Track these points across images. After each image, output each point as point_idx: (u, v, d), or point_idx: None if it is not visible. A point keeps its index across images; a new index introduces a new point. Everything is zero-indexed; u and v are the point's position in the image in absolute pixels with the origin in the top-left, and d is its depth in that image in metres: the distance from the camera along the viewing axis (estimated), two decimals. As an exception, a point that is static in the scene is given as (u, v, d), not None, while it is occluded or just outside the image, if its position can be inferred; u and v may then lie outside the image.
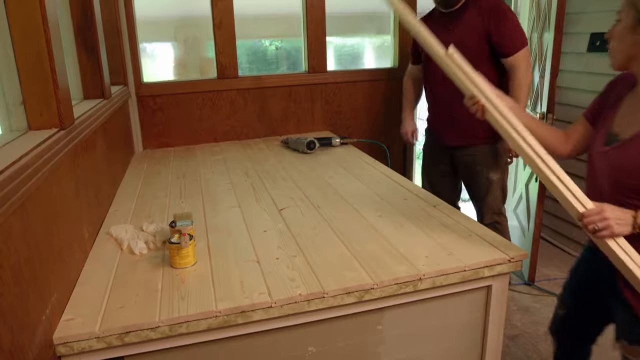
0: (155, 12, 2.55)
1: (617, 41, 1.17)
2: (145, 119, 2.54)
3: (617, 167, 1.19)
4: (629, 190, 1.17)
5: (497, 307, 1.31)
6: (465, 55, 2.16)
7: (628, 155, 1.17)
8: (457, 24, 2.17)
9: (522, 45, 2.13)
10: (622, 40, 1.15)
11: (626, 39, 1.13)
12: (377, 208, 1.61)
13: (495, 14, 2.10)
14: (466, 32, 2.14)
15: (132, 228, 1.45)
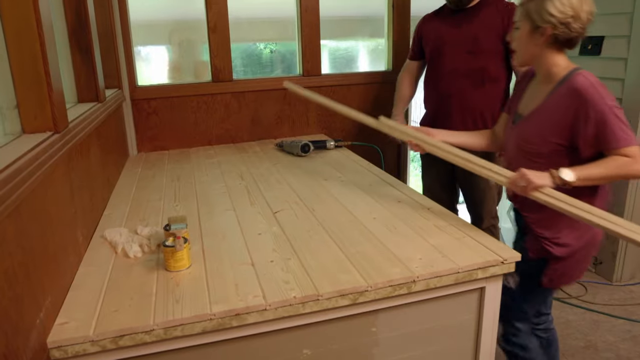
0: (149, 15, 2.56)
1: (518, 45, 1.44)
2: (140, 122, 2.53)
3: (520, 137, 1.49)
4: (530, 154, 1.46)
5: (490, 309, 1.32)
6: (478, 52, 2.19)
7: (527, 127, 1.47)
8: (471, 22, 2.17)
9: None
10: (523, 44, 1.41)
11: (525, 43, 1.40)
12: (371, 210, 1.62)
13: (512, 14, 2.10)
14: (482, 30, 2.15)
15: (126, 231, 1.45)
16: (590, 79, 1.34)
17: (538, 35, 1.35)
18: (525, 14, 1.37)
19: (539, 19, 1.33)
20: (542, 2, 1.32)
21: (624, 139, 1.30)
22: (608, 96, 1.32)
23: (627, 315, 2.50)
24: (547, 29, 1.33)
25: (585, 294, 2.72)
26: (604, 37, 2.72)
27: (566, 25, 1.32)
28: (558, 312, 2.54)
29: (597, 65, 2.78)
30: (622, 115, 1.32)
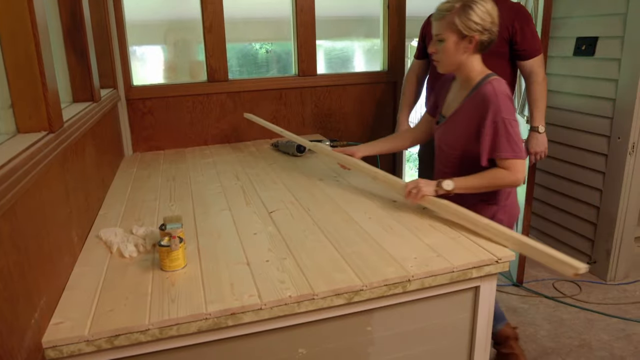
0: (145, 15, 2.55)
1: (444, 55, 1.53)
2: (135, 122, 2.53)
3: (441, 139, 1.67)
4: (447, 155, 1.63)
5: (485, 308, 1.32)
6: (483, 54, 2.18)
7: (447, 129, 1.64)
8: None
9: (540, 51, 2.17)
10: (450, 54, 1.52)
11: (453, 52, 1.51)
12: (366, 210, 1.63)
13: (520, 16, 2.12)
14: None
15: (121, 231, 1.45)
16: (496, 88, 1.48)
17: (466, 44, 1.49)
18: (449, 27, 1.48)
19: (466, 29, 1.46)
20: (467, 14, 1.45)
21: (510, 150, 1.46)
22: (507, 109, 1.46)
23: (621, 314, 2.52)
24: (474, 37, 1.47)
25: (579, 293, 2.73)
26: (598, 37, 2.74)
27: (489, 30, 1.48)
28: (552, 310, 2.56)
29: (591, 65, 2.80)
30: (515, 128, 1.47)
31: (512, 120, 1.46)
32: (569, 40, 2.92)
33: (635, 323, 2.44)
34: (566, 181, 3.07)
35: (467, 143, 1.56)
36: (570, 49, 2.92)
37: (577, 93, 2.91)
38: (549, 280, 2.86)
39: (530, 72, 2.17)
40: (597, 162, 2.83)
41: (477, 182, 1.51)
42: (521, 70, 2.21)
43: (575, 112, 2.93)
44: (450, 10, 1.47)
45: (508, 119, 1.45)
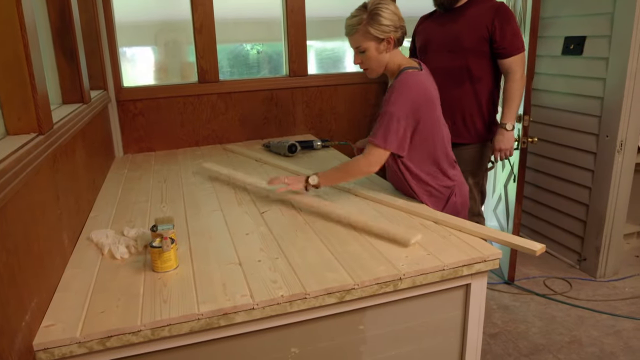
0: (135, 16, 2.54)
1: (371, 63, 1.63)
2: (126, 123, 2.52)
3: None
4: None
5: (476, 305, 1.33)
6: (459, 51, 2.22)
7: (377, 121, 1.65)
8: (456, 21, 2.21)
9: (521, 49, 2.19)
10: (375, 60, 1.62)
11: (377, 58, 1.61)
12: (358, 209, 1.63)
13: (501, 15, 2.15)
14: (465, 29, 2.18)
15: (113, 233, 1.44)
16: (404, 80, 1.57)
17: (384, 45, 1.59)
18: (366, 36, 1.57)
19: (380, 33, 1.55)
20: (377, 22, 1.54)
21: (375, 137, 1.57)
22: (399, 102, 1.54)
23: (611, 310, 2.55)
24: (390, 37, 1.57)
25: (570, 290, 2.76)
26: (586, 37, 2.77)
27: (400, 27, 1.59)
28: (543, 308, 2.58)
29: (579, 64, 2.83)
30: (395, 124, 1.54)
31: (395, 116, 1.54)
32: (558, 40, 2.95)
33: (624, 319, 2.47)
34: (556, 179, 3.09)
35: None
36: (558, 48, 2.95)
37: (566, 92, 2.94)
38: (540, 278, 2.89)
39: (508, 70, 2.20)
40: (586, 160, 2.86)
41: (336, 174, 1.67)
42: (501, 68, 2.22)
43: (564, 111, 2.96)
44: (360, 22, 1.57)
45: (393, 112, 1.54)
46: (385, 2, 1.57)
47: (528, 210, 3.35)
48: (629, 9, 2.48)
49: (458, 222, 1.47)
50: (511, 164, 2.75)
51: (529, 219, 3.38)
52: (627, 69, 2.53)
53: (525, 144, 2.56)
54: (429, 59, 2.25)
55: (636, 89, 2.57)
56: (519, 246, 1.34)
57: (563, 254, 3.12)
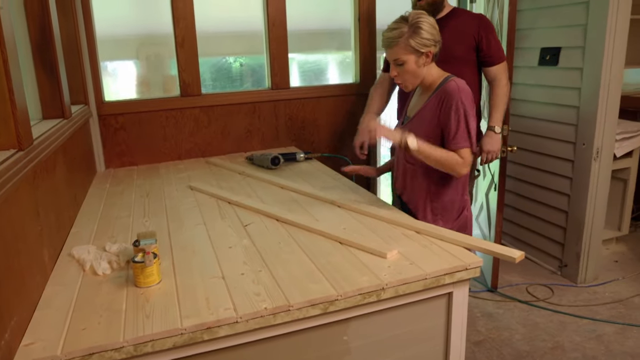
0: (116, 30, 2.54)
1: (409, 76, 1.66)
2: (107, 138, 2.51)
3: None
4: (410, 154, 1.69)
5: (458, 313, 1.35)
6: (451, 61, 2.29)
7: (411, 127, 1.72)
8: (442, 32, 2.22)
9: (504, 58, 2.29)
10: (414, 73, 1.66)
11: (415, 71, 1.65)
12: (341, 221, 1.64)
13: (484, 25, 2.26)
14: (454, 39, 2.23)
15: (94, 249, 1.43)
16: (459, 84, 1.61)
17: (423, 59, 1.63)
18: (406, 49, 1.61)
19: (422, 46, 1.60)
20: (419, 35, 1.59)
21: (462, 140, 1.60)
22: (469, 104, 1.60)
23: (592, 315, 2.59)
24: (430, 51, 1.62)
25: (552, 296, 2.80)
26: (561, 48, 2.84)
27: (438, 42, 1.64)
28: (526, 314, 2.61)
29: (555, 75, 2.90)
30: (472, 123, 1.61)
31: (471, 115, 1.61)
32: (534, 51, 3.02)
33: (605, 323, 2.51)
34: (536, 187, 3.15)
35: (430, 136, 1.65)
36: (535, 59, 3.02)
37: (543, 101, 3.01)
38: (523, 285, 2.93)
39: (495, 78, 2.28)
40: (564, 168, 2.92)
41: (437, 155, 1.61)
42: (486, 75, 2.29)
43: (542, 120, 3.02)
44: (401, 35, 1.59)
45: (469, 112, 1.60)
46: (425, 16, 1.61)
47: (509, 218, 3.40)
48: (601, 20, 2.55)
49: (439, 232, 1.49)
50: (492, 172, 2.80)
51: (510, 226, 3.42)
52: (600, 79, 2.60)
53: (505, 153, 2.61)
54: None
55: (610, 98, 2.64)
56: (498, 254, 1.37)
57: (545, 261, 3.17)
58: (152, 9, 2.57)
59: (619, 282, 2.93)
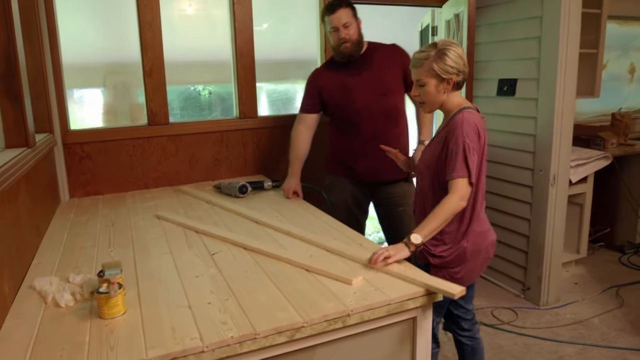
0: (83, 58, 2.54)
1: (428, 98, 1.69)
2: (72, 167, 2.48)
3: (420, 162, 1.84)
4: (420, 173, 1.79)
5: (423, 337, 1.38)
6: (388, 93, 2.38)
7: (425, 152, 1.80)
8: (370, 67, 2.36)
9: None
10: (433, 96, 1.69)
11: (435, 94, 1.68)
12: (307, 248, 1.67)
13: (404, 54, 2.40)
14: (386, 72, 2.34)
15: (57, 280, 1.41)
16: (465, 117, 1.63)
17: (444, 85, 1.66)
18: (429, 72, 1.65)
19: (444, 73, 1.63)
20: (443, 61, 1.62)
21: (455, 171, 1.60)
22: (469, 134, 1.61)
23: (554, 336, 2.66)
24: (452, 79, 1.64)
25: (516, 319, 2.86)
26: (517, 79, 2.99)
27: (462, 72, 1.66)
28: (491, 337, 2.66)
29: (513, 105, 3.03)
30: (472, 156, 1.60)
31: (471, 148, 1.60)
32: (493, 82, 3.16)
33: (566, 344, 2.58)
34: (498, 212, 3.25)
35: (435, 165, 1.70)
36: (493, 89, 3.16)
37: (502, 130, 3.13)
38: (488, 309, 2.99)
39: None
40: (524, 194, 3.03)
41: (434, 222, 1.58)
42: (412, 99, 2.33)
43: (502, 148, 3.14)
44: (427, 58, 1.63)
45: (468, 144, 1.60)
46: (454, 45, 1.65)
47: (474, 243, 3.48)
48: (553, 54, 2.70)
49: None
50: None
51: (475, 251, 3.50)
52: (554, 109, 2.74)
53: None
54: (360, 106, 2.33)
55: (564, 126, 2.78)
56: (438, 289, 1.34)
57: (509, 284, 3.25)
58: (120, 37, 2.58)
59: (579, 304, 3.02)
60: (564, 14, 2.64)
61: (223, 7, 2.74)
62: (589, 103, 4.15)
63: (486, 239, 1.78)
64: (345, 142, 2.45)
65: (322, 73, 2.47)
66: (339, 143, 2.50)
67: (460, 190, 1.60)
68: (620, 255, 3.77)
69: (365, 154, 2.41)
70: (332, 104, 2.44)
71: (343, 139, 2.46)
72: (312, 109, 2.48)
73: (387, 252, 1.50)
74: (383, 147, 2.01)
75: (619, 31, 4.22)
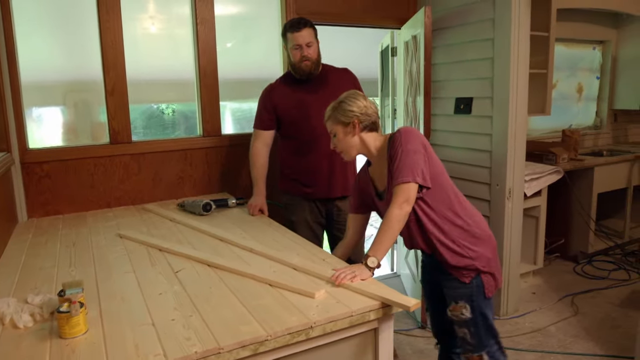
0: (42, 76, 2.51)
1: (343, 145, 1.78)
2: (31, 186, 2.43)
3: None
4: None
5: (385, 348, 1.42)
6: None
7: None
8: (326, 86, 2.43)
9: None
10: (345, 143, 1.77)
11: (349, 142, 1.76)
12: (271, 265, 1.69)
13: (354, 77, 2.55)
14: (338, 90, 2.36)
15: (14, 301, 1.38)
16: (402, 130, 1.68)
17: (351, 129, 1.74)
18: (334, 122, 1.77)
19: (346, 118, 1.74)
20: (343, 107, 1.75)
21: (395, 177, 1.62)
22: (410, 141, 1.63)
23: (514, 345, 2.74)
24: (354, 121, 1.73)
25: (477, 329, 2.93)
26: (473, 98, 3.12)
27: (365, 114, 1.74)
28: (454, 349, 2.72)
29: (470, 122, 3.16)
30: (414, 155, 1.61)
31: (411, 150, 1.62)
32: (450, 100, 3.29)
33: (526, 352, 2.67)
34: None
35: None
36: (451, 107, 3.28)
37: (460, 146, 3.25)
38: (450, 320, 3.05)
39: None
40: (482, 208, 3.13)
41: (384, 238, 1.59)
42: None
43: (460, 163, 3.26)
44: (332, 109, 1.78)
45: (408, 147, 1.62)
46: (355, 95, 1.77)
47: (436, 256, 3.56)
48: (504, 74, 2.84)
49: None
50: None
51: (437, 264, 3.58)
52: (508, 126, 2.87)
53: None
54: (316, 124, 2.32)
55: (517, 143, 2.91)
56: (393, 302, 1.36)
57: (470, 296, 3.33)
58: (81, 55, 2.56)
59: (537, 313, 3.13)
60: (513, 37, 2.78)
61: (186, 26, 2.77)
62: (541, 120, 4.36)
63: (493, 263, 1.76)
64: (299, 160, 2.48)
65: (278, 88, 2.50)
66: (292, 161, 2.51)
67: (401, 196, 1.59)
68: (574, 265, 3.94)
69: (319, 171, 2.44)
70: (287, 121, 2.47)
71: (297, 157, 2.49)
72: (269, 125, 2.51)
73: (353, 272, 1.52)
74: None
75: (566, 53, 4.47)
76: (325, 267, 1.63)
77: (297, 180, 2.50)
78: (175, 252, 1.83)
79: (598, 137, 4.77)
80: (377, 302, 1.37)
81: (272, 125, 2.51)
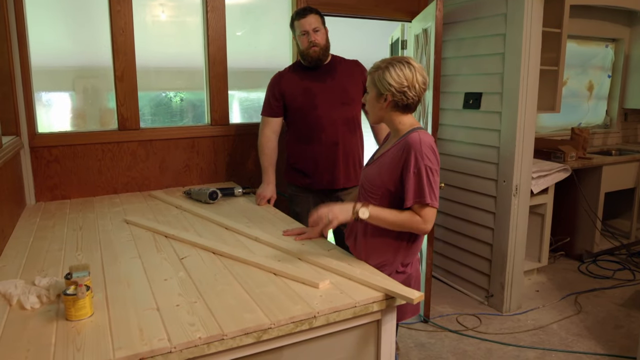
0: (53, 61, 2.52)
1: (369, 106, 1.68)
2: (39, 170, 2.44)
3: (366, 176, 1.74)
4: (367, 192, 1.70)
5: (387, 339, 1.42)
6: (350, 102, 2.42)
7: (370, 170, 1.72)
8: (334, 76, 2.43)
9: None
10: (371, 107, 1.67)
11: (373, 106, 1.66)
12: (275, 254, 1.70)
13: (364, 69, 2.47)
14: (347, 83, 2.42)
15: (22, 283, 1.40)
16: (421, 137, 1.57)
17: (382, 101, 1.61)
18: (372, 82, 1.63)
19: (382, 87, 1.59)
20: (383, 73, 1.58)
21: (426, 196, 1.54)
22: (429, 158, 1.56)
23: (516, 342, 2.75)
24: (387, 95, 1.59)
25: (479, 325, 2.94)
26: (482, 93, 3.10)
27: (403, 93, 1.58)
28: (456, 343, 2.73)
29: (478, 118, 3.14)
30: (435, 177, 1.56)
31: (433, 170, 1.56)
32: (459, 95, 3.27)
33: (527, 349, 2.67)
34: (463, 221, 3.34)
35: (388, 183, 1.62)
36: (460, 102, 3.26)
37: (468, 142, 3.24)
38: (453, 315, 3.06)
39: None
40: (488, 204, 3.13)
41: (392, 218, 1.57)
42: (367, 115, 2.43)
43: (467, 159, 3.25)
44: (376, 69, 1.61)
45: (430, 167, 1.55)
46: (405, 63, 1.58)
47: (439, 251, 3.57)
48: (515, 70, 2.82)
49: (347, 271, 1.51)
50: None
51: (440, 259, 3.59)
52: (517, 122, 2.85)
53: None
54: (322, 112, 2.37)
55: (525, 139, 2.90)
56: (398, 294, 1.36)
57: (473, 292, 3.34)
58: (91, 41, 2.57)
59: (540, 310, 3.13)
60: (525, 33, 2.76)
61: (197, 14, 2.76)
62: (550, 118, 4.32)
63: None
64: (304, 149, 2.47)
65: (286, 75, 2.50)
66: (297, 149, 2.51)
67: (429, 217, 1.56)
68: (579, 263, 3.93)
69: (323, 160, 2.43)
70: (293, 108, 2.46)
71: (301, 146, 2.48)
72: (277, 113, 2.51)
73: (332, 212, 1.55)
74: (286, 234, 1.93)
75: (578, 50, 4.43)
76: (329, 258, 1.63)
77: (301, 170, 2.50)
78: (181, 239, 1.85)
79: (607, 136, 4.73)
80: (381, 293, 1.37)
81: (280, 113, 2.51)
